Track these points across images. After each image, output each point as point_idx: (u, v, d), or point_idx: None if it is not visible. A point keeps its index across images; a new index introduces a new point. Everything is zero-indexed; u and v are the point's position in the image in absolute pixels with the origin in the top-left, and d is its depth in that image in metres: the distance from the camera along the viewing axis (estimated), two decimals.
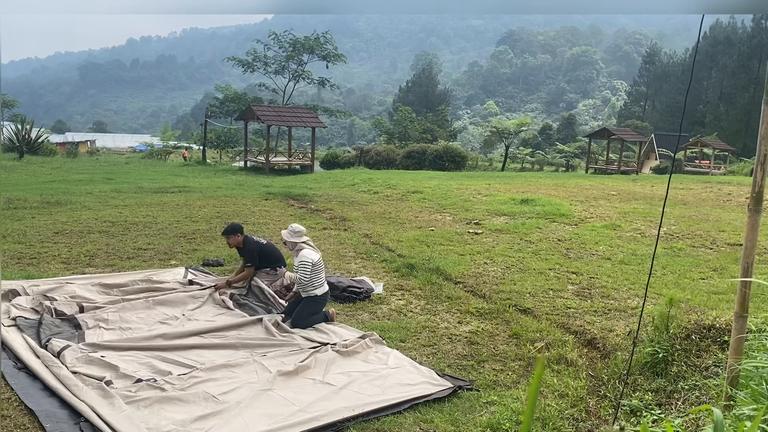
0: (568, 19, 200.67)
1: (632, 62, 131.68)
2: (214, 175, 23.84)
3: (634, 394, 4.47)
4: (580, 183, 19.30)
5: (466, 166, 31.97)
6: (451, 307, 6.80)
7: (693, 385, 4.19)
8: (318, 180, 20.96)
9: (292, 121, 28.64)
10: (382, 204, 14.43)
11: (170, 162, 35.56)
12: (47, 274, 7.40)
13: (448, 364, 5.28)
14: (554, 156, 52.10)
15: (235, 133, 48.20)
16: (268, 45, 43.49)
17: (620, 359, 5.06)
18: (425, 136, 45.91)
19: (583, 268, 8.29)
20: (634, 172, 33.96)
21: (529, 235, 10.61)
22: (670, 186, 3.66)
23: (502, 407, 4.41)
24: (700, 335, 4.73)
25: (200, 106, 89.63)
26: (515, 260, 8.77)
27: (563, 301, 6.81)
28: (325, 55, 42.92)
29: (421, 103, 74.08)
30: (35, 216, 11.61)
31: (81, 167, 25.07)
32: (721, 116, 54.79)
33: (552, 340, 5.76)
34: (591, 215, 12.57)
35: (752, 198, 3.08)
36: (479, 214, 12.66)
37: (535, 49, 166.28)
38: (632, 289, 7.20)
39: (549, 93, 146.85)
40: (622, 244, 9.84)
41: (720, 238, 10.24)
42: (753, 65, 54.72)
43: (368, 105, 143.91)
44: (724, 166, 39.05)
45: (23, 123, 31.72)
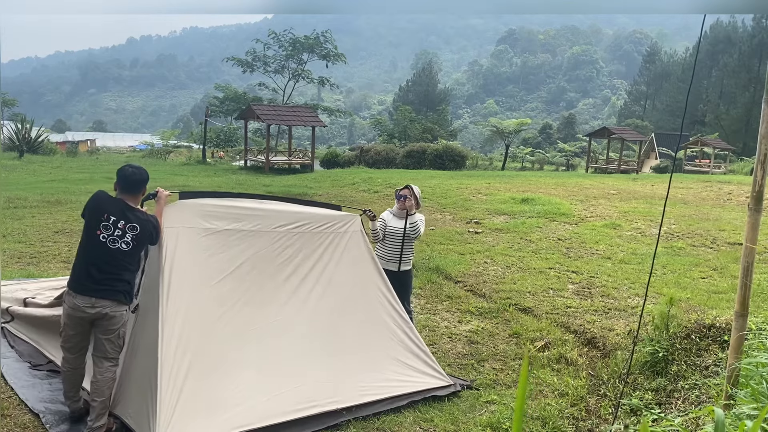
0: (568, 19, 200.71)
1: (632, 61, 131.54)
2: (214, 174, 23.83)
3: (634, 393, 4.47)
4: (581, 182, 19.30)
5: (466, 165, 31.94)
6: (451, 307, 6.80)
7: (693, 384, 4.19)
8: (318, 179, 20.95)
9: (292, 120, 28.62)
10: (382, 203, 14.42)
11: (170, 161, 35.55)
12: (47, 274, 7.40)
13: (448, 363, 5.28)
14: (554, 155, 52.06)
15: (234, 132, 48.18)
16: (268, 44, 43.47)
17: (620, 358, 5.06)
18: (425, 135, 45.87)
19: (583, 267, 8.29)
20: (634, 172, 33.95)
21: (529, 234, 10.61)
22: (671, 185, 3.65)
23: (502, 406, 4.41)
24: (700, 334, 4.73)
25: (200, 106, 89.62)
26: (515, 259, 8.77)
27: (563, 301, 6.81)
28: (324, 54, 42.88)
29: (421, 102, 74.02)
30: (35, 215, 11.61)
31: (81, 166, 25.08)
32: (721, 115, 54.73)
33: (552, 339, 5.76)
34: (591, 214, 12.57)
35: (752, 197, 3.08)
36: (479, 213, 12.66)
37: (535, 49, 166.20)
38: (632, 289, 7.20)
39: (549, 92, 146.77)
40: (622, 244, 9.84)
41: (720, 238, 10.24)
42: (753, 64, 54.66)
43: (368, 104, 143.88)
44: (725, 165, 39.02)
45: (23, 122, 31.70)
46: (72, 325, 3.88)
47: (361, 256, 4.92)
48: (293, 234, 4.64)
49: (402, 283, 5.47)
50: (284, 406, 4.02)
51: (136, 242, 3.88)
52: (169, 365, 3.77)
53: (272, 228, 4.55)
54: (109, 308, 3.82)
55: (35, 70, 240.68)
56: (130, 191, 3.95)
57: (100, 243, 3.81)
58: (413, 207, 5.51)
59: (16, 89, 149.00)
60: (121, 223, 3.83)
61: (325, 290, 4.64)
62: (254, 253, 4.40)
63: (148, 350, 3.89)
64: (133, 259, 3.94)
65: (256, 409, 3.92)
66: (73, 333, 3.90)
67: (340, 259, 4.79)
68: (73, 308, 3.82)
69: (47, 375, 4.67)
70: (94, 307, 3.79)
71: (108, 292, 3.81)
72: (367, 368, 4.54)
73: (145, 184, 4.02)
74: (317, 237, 4.75)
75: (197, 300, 4.05)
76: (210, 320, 4.05)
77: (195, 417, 3.72)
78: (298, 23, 70.33)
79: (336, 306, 4.67)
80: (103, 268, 3.82)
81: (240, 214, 4.46)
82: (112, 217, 3.83)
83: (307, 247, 4.67)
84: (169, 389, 3.70)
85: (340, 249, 4.82)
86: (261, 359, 4.16)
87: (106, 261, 3.82)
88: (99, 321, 3.85)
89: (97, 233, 3.82)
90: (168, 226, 4.12)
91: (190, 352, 3.88)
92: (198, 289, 4.08)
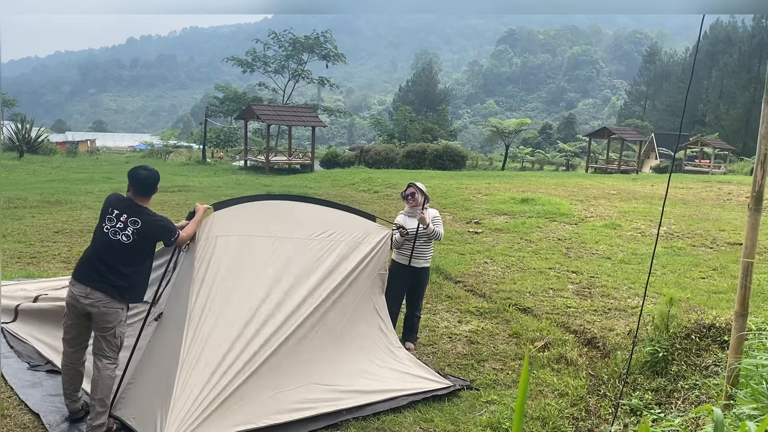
0: (568, 19, 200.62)
1: (632, 61, 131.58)
2: (214, 174, 23.84)
3: (634, 394, 4.47)
4: (580, 182, 19.30)
5: (466, 165, 31.93)
6: (451, 307, 6.80)
7: (693, 384, 4.19)
8: (318, 179, 20.95)
9: (292, 120, 28.62)
10: (382, 203, 14.42)
11: (170, 161, 35.54)
12: (47, 274, 7.40)
13: (448, 363, 5.28)
14: (554, 155, 52.04)
15: (234, 132, 48.19)
16: (268, 44, 43.48)
17: (620, 358, 5.06)
18: (425, 135, 45.86)
19: (583, 267, 8.29)
20: (634, 172, 33.94)
21: (529, 234, 10.61)
22: (670, 185, 3.65)
23: (502, 406, 4.41)
24: (700, 334, 4.73)
25: (200, 106, 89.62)
26: (515, 259, 8.77)
27: (563, 301, 6.81)
28: (324, 54, 42.91)
29: (421, 102, 74.01)
30: (35, 215, 11.61)
31: (81, 166, 25.08)
32: (721, 115, 54.71)
33: (552, 339, 5.76)
34: (591, 214, 12.57)
35: (752, 197, 3.08)
36: (479, 213, 12.66)
37: (535, 49, 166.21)
38: (632, 289, 7.20)
39: (549, 92, 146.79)
40: (622, 244, 9.84)
41: (720, 238, 10.24)
42: (753, 64, 54.65)
43: (368, 104, 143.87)
44: (725, 165, 39.02)
45: (23, 122, 31.71)
46: (70, 315, 3.98)
47: (375, 271, 5.05)
48: (326, 242, 4.77)
49: (413, 278, 5.53)
50: (286, 404, 4.03)
51: (137, 237, 3.93)
52: (189, 368, 3.79)
53: (304, 237, 4.70)
54: (101, 303, 3.86)
55: (35, 70, 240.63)
56: (142, 194, 4.05)
57: (102, 234, 3.96)
58: (419, 204, 5.48)
59: (16, 89, 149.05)
60: (124, 216, 3.95)
61: (338, 299, 4.71)
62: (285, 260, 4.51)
63: (168, 355, 3.91)
64: (134, 254, 3.97)
65: (259, 406, 3.93)
66: (71, 323, 3.98)
67: (362, 271, 4.90)
68: (71, 297, 3.93)
69: (47, 375, 4.66)
70: (88, 298, 3.86)
71: (103, 284, 3.87)
72: (369, 374, 4.62)
73: (156, 186, 4.13)
74: (347, 247, 4.87)
75: (226, 305, 4.11)
76: (235, 327, 4.08)
77: (204, 417, 3.72)
78: (298, 23, 70.37)
79: (344, 315, 4.74)
80: (104, 258, 3.92)
81: (272, 221, 4.65)
82: (116, 211, 3.97)
83: (333, 255, 4.77)
84: (186, 392, 3.71)
85: (364, 262, 4.93)
86: (269, 358, 4.17)
87: (107, 251, 3.93)
88: (94, 316, 3.90)
89: (102, 225, 3.97)
90: (204, 237, 4.28)
91: (212, 355, 3.90)
92: (227, 294, 4.15)
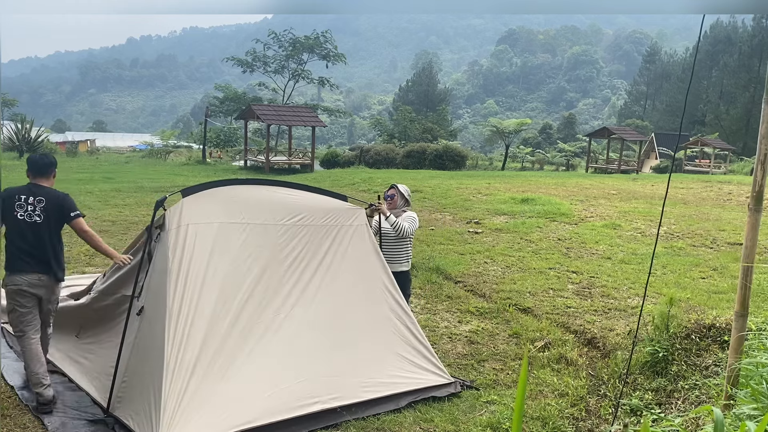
0: (568, 19, 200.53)
1: (632, 61, 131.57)
2: (214, 174, 23.85)
3: (634, 394, 4.47)
4: (581, 182, 19.30)
5: (466, 165, 31.95)
6: (451, 307, 6.80)
7: (693, 384, 4.19)
8: (318, 179, 20.95)
9: (292, 120, 28.64)
10: None
11: (170, 161, 35.56)
12: None
13: (448, 363, 5.28)
14: (554, 155, 52.04)
15: (234, 132, 48.20)
16: (268, 44, 43.50)
17: (620, 358, 5.06)
18: (425, 135, 45.86)
19: (583, 267, 8.29)
20: (634, 172, 33.96)
21: (529, 234, 10.61)
22: (671, 185, 3.65)
23: (503, 406, 4.41)
24: (700, 334, 4.73)
25: (200, 106, 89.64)
26: (515, 259, 8.77)
27: (563, 301, 6.81)
28: (324, 54, 42.93)
29: (421, 102, 74.02)
30: None
31: (81, 166, 25.09)
32: (721, 115, 54.70)
33: (552, 339, 5.76)
34: (591, 214, 12.57)
35: (752, 197, 3.08)
36: (479, 213, 12.66)
37: (535, 49, 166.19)
38: (632, 289, 7.20)
39: (549, 92, 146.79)
40: (622, 244, 9.84)
41: (720, 238, 10.24)
42: (753, 64, 54.63)
43: (368, 104, 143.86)
44: (725, 165, 39.02)
45: (23, 122, 31.75)
46: (25, 303, 4.28)
47: (366, 250, 4.91)
48: (298, 227, 4.64)
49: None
50: (285, 401, 4.01)
51: (46, 213, 4.24)
52: (174, 363, 3.76)
53: (277, 221, 4.56)
54: (51, 283, 4.36)
55: (35, 70, 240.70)
56: (40, 174, 4.36)
57: (19, 221, 4.20)
58: (396, 206, 5.43)
59: (16, 89, 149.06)
60: (31, 198, 4.25)
61: (328, 284, 4.63)
62: (258, 246, 4.39)
63: (154, 350, 3.89)
64: (52, 231, 4.29)
65: (258, 405, 3.91)
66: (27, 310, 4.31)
67: (345, 253, 4.78)
68: (26, 286, 4.23)
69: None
70: (41, 282, 4.27)
71: (46, 266, 4.25)
72: (369, 363, 4.52)
73: (53, 166, 4.49)
74: (322, 230, 4.74)
75: (203, 297, 4.05)
76: (216, 317, 4.04)
77: (198, 414, 3.71)
78: (298, 23, 70.35)
79: (339, 300, 4.65)
80: (32, 242, 4.21)
81: (245, 207, 4.46)
82: (23, 196, 4.24)
83: (311, 240, 4.66)
84: (174, 387, 3.70)
85: (345, 243, 4.80)
86: (263, 354, 4.14)
87: (33, 235, 4.21)
88: (44, 298, 4.41)
89: (15, 214, 4.20)
90: (175, 225, 4.13)
91: (196, 349, 3.88)
92: (204, 286, 4.08)
